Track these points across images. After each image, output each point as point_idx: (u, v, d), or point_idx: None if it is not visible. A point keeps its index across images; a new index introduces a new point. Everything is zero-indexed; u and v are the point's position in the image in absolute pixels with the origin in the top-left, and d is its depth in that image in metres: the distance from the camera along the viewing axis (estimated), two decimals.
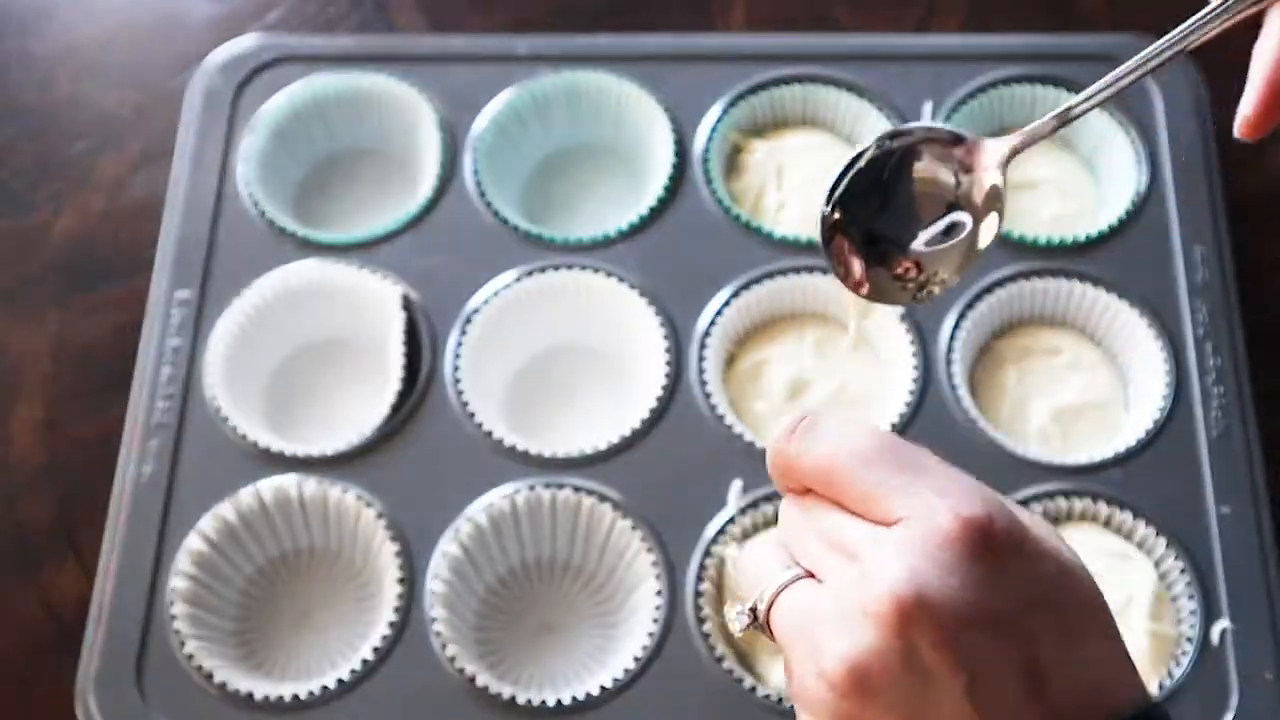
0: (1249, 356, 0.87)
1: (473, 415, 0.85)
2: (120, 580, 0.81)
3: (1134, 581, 0.80)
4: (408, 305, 0.89)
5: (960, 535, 0.44)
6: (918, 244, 0.54)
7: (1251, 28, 0.67)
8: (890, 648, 0.43)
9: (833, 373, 0.89)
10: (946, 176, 0.55)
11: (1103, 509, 0.82)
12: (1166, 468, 0.83)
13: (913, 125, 0.55)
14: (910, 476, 0.47)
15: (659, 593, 0.80)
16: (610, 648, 0.82)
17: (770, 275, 0.90)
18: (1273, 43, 0.60)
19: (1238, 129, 0.61)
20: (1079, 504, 0.82)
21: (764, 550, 0.50)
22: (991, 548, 0.44)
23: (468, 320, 0.88)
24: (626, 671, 0.78)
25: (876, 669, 0.43)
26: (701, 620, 0.79)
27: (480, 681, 0.77)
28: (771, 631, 0.48)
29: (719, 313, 0.88)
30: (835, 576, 0.46)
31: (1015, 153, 0.57)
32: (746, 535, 0.83)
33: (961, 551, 0.44)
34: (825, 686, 0.44)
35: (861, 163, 0.53)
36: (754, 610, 0.48)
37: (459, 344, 0.88)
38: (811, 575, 0.47)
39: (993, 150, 0.56)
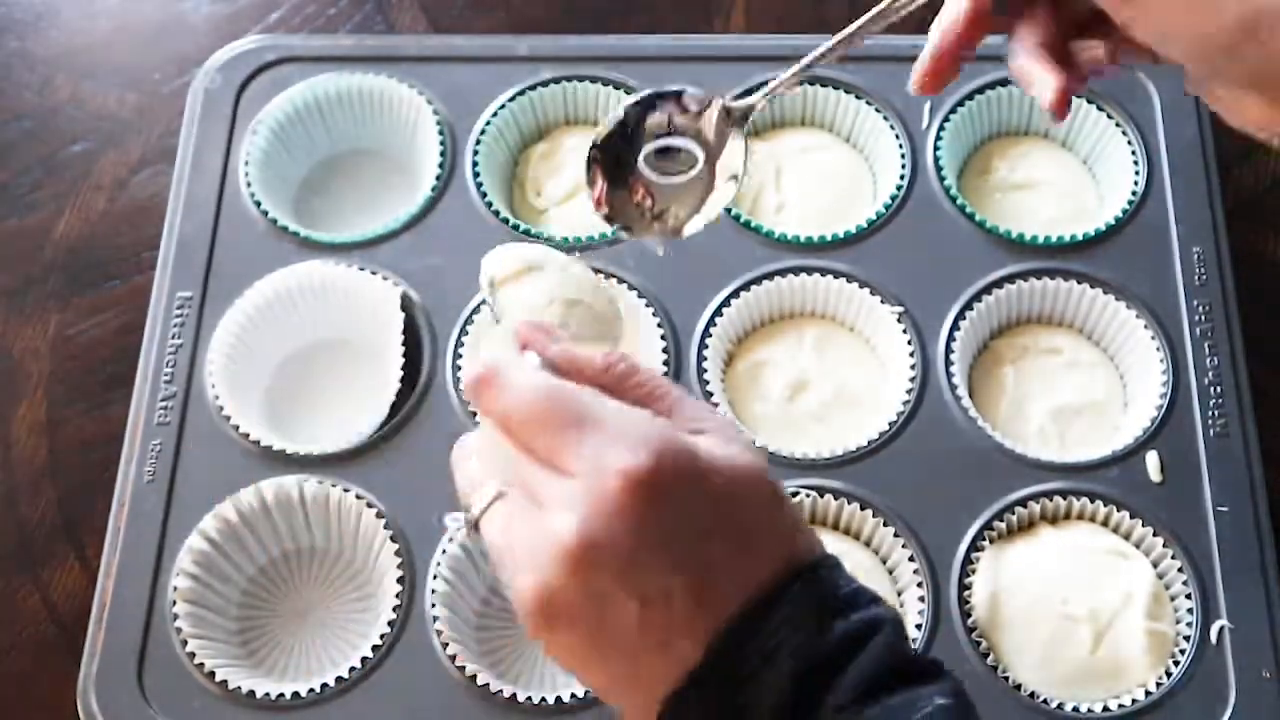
0: (1247, 356, 0.87)
1: (473, 415, 0.85)
2: (121, 579, 0.81)
3: (1132, 580, 0.80)
4: (408, 305, 0.89)
5: (624, 488, 0.49)
6: (643, 167, 0.63)
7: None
8: (569, 584, 0.50)
9: (832, 373, 0.89)
10: (684, 120, 0.65)
11: (1101, 508, 0.83)
12: (1165, 467, 0.83)
13: (671, 87, 0.65)
14: (577, 433, 0.51)
15: None
16: None
17: (770, 275, 0.90)
18: (949, 13, 0.67)
19: (911, 86, 0.69)
20: (1077, 503, 0.83)
21: (474, 456, 0.56)
22: (652, 492, 0.50)
23: (468, 320, 0.89)
24: None
25: (559, 600, 0.50)
26: None
27: (480, 679, 0.77)
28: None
29: (718, 313, 0.89)
30: (526, 512, 0.52)
31: (751, 110, 0.66)
32: None
33: (623, 503, 0.49)
34: (521, 604, 0.51)
35: (627, 108, 0.64)
36: (470, 521, 0.54)
37: (459, 344, 0.88)
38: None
39: (734, 113, 0.66)
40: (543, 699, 0.78)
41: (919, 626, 0.79)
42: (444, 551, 0.81)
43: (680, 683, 0.51)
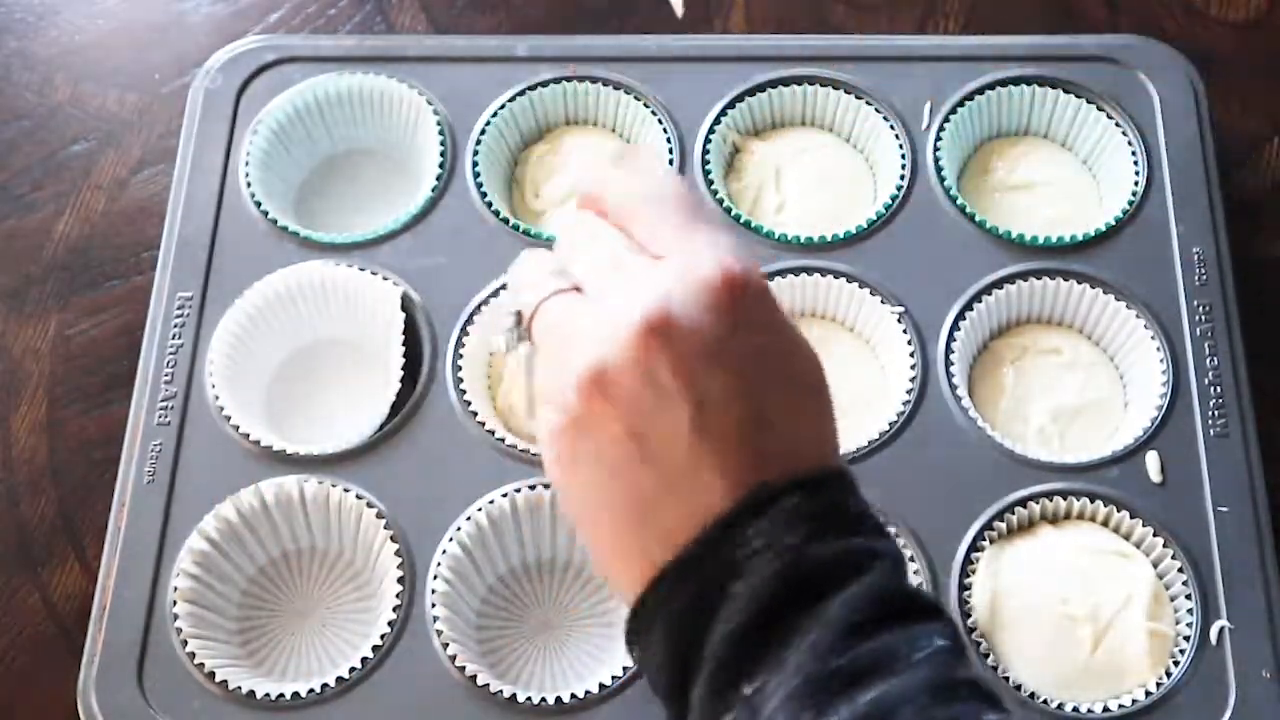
0: (1247, 356, 0.87)
1: (474, 415, 0.85)
2: (122, 579, 0.81)
3: (1132, 580, 0.80)
4: (408, 305, 0.89)
5: (716, 280, 0.49)
6: None
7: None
8: (633, 360, 0.48)
9: (832, 373, 0.89)
10: None
11: (1101, 508, 0.83)
12: (1165, 467, 0.83)
13: None
14: (691, 223, 0.52)
15: None
16: (610, 646, 0.82)
17: (770, 275, 0.90)
18: None
19: None
20: (1077, 503, 0.83)
21: (538, 261, 0.55)
22: (743, 301, 0.50)
23: (468, 320, 0.89)
24: (626, 669, 0.78)
25: (616, 377, 0.48)
26: None
27: (481, 680, 0.77)
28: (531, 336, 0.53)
29: None
30: (601, 291, 0.51)
31: None
32: None
33: (715, 293, 0.49)
34: (569, 385, 0.49)
35: None
36: (519, 315, 0.53)
37: (459, 344, 0.88)
38: (578, 290, 0.52)
39: None
40: (543, 699, 0.78)
41: None
42: (444, 552, 0.81)
43: (688, 543, 0.49)
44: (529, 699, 0.77)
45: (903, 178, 0.93)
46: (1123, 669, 0.78)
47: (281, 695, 0.78)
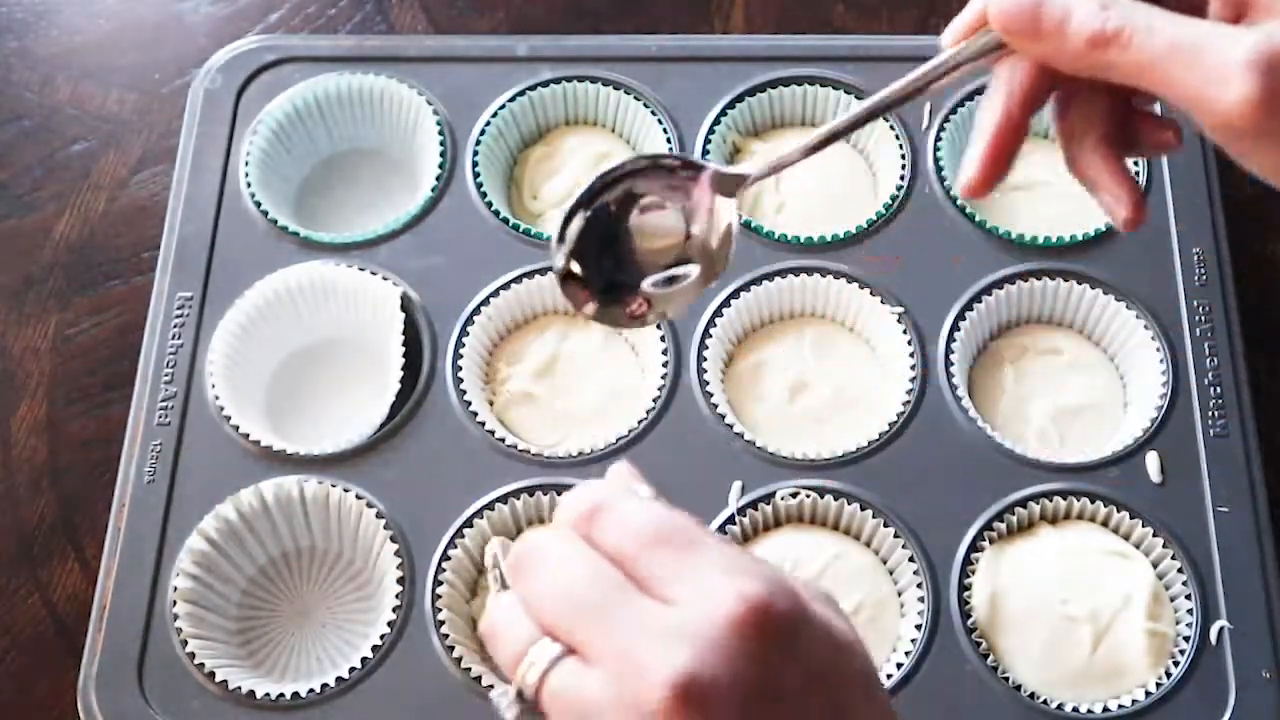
0: (1247, 356, 0.87)
1: (473, 415, 0.85)
2: (122, 580, 0.81)
3: (1132, 581, 0.80)
4: (408, 305, 0.89)
5: (741, 617, 0.44)
6: (647, 285, 0.57)
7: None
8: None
9: (832, 373, 0.89)
10: (675, 221, 0.58)
11: (1101, 508, 0.83)
12: (1165, 467, 0.83)
13: (641, 157, 0.58)
14: (692, 558, 0.46)
15: None
16: None
17: (770, 275, 0.90)
18: (995, 104, 0.57)
19: (959, 190, 0.58)
20: (1077, 503, 0.83)
21: (513, 615, 0.48)
22: (772, 629, 0.44)
23: (468, 320, 0.89)
24: None
25: None
26: None
27: (485, 680, 0.77)
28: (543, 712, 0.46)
29: (719, 313, 0.89)
30: (606, 654, 0.45)
31: (749, 184, 0.59)
32: (746, 536, 0.83)
33: (742, 633, 0.44)
34: None
35: (587, 209, 0.56)
36: (521, 693, 0.46)
37: (459, 344, 0.88)
38: (571, 649, 0.46)
39: (726, 182, 0.58)
40: None
41: (919, 627, 0.79)
42: (444, 552, 0.81)
43: None
44: None
45: (903, 178, 0.93)
46: (1123, 669, 0.78)
47: (281, 695, 0.78)
